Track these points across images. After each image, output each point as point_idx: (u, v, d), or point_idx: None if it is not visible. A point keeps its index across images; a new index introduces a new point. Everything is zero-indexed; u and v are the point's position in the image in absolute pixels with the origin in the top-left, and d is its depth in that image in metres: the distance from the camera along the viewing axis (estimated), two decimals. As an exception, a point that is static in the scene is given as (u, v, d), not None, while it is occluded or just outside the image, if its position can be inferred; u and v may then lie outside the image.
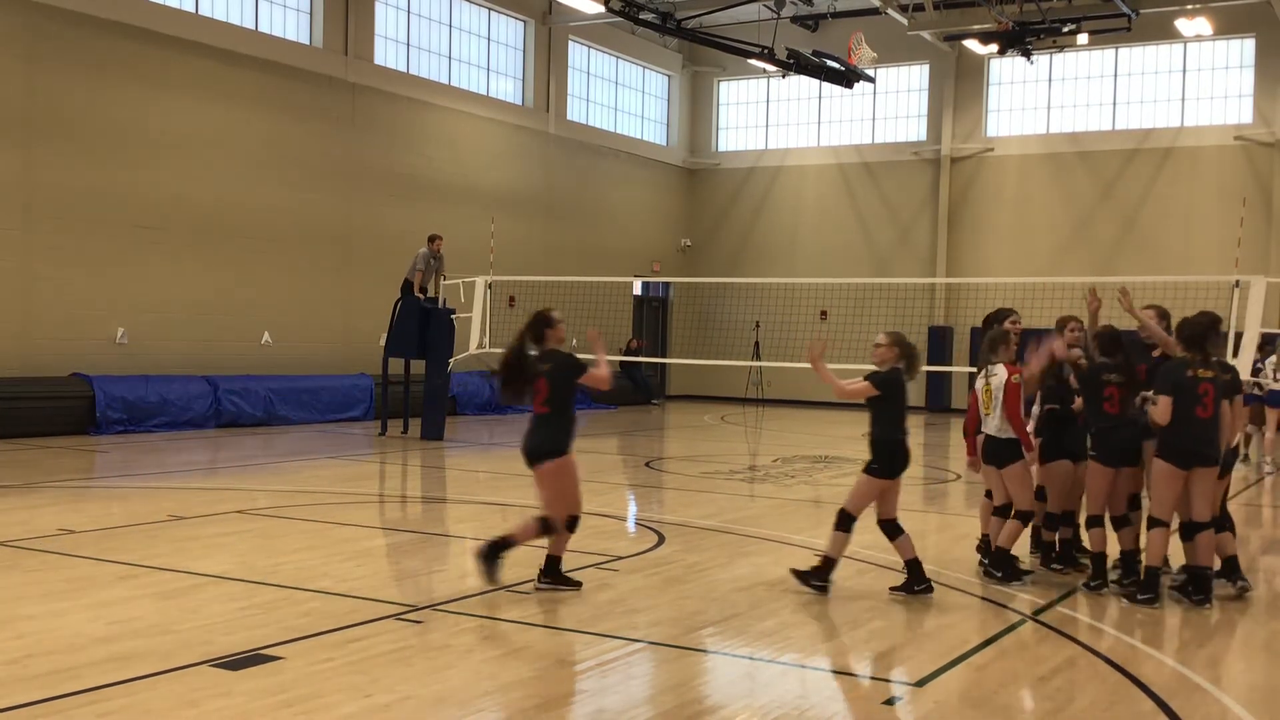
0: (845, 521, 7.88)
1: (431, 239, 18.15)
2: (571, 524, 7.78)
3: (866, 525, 10.76)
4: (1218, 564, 8.27)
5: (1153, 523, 7.80)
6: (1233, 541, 8.16)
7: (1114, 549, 8.25)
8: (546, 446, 7.63)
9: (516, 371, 7.66)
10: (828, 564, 7.87)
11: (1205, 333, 7.82)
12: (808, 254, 29.40)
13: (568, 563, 8.57)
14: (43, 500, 10.92)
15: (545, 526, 7.65)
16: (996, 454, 8.25)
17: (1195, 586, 7.77)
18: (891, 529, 7.88)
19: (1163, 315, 8.70)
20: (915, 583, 7.79)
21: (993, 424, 8.23)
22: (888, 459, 7.79)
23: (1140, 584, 7.80)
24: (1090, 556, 8.21)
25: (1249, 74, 25.77)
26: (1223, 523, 8.09)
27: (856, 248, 29.16)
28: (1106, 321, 8.60)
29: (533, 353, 7.72)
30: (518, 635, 6.55)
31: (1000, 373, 8.22)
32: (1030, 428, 8.43)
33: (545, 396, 7.60)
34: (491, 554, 7.56)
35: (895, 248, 28.89)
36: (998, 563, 8.26)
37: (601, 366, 7.82)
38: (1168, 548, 7.87)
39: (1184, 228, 25.89)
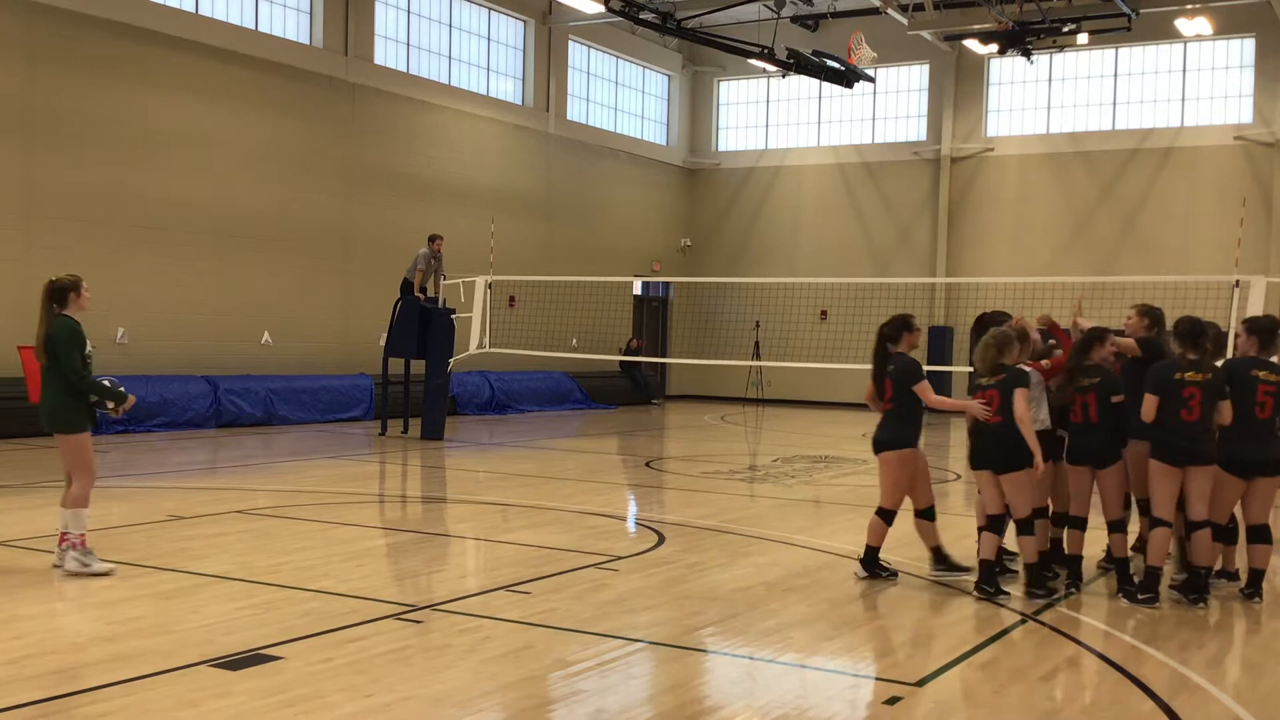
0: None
1: (432, 239, 18.16)
2: (926, 514, 8.38)
3: (863, 526, 10.75)
4: (1217, 565, 8.26)
5: (1154, 522, 7.80)
6: (1267, 555, 7.99)
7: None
8: (885, 439, 8.26)
9: (877, 366, 8.35)
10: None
11: (1198, 331, 7.76)
12: (807, 254, 29.40)
13: (567, 561, 8.58)
14: (43, 500, 10.91)
15: (886, 517, 8.26)
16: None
17: (1190, 587, 7.77)
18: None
19: (1149, 313, 8.68)
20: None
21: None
22: None
23: (1140, 583, 7.80)
24: (1067, 559, 8.18)
25: (1249, 74, 25.77)
26: (1262, 533, 7.93)
27: (856, 248, 29.15)
28: (1096, 322, 8.58)
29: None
30: (518, 635, 6.55)
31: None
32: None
33: (890, 395, 8.26)
34: (870, 566, 8.25)
35: (895, 247, 28.88)
36: (986, 579, 7.90)
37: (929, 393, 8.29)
38: (1169, 547, 7.86)
39: (1184, 228, 25.88)
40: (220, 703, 5.25)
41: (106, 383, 8.03)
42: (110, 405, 8.02)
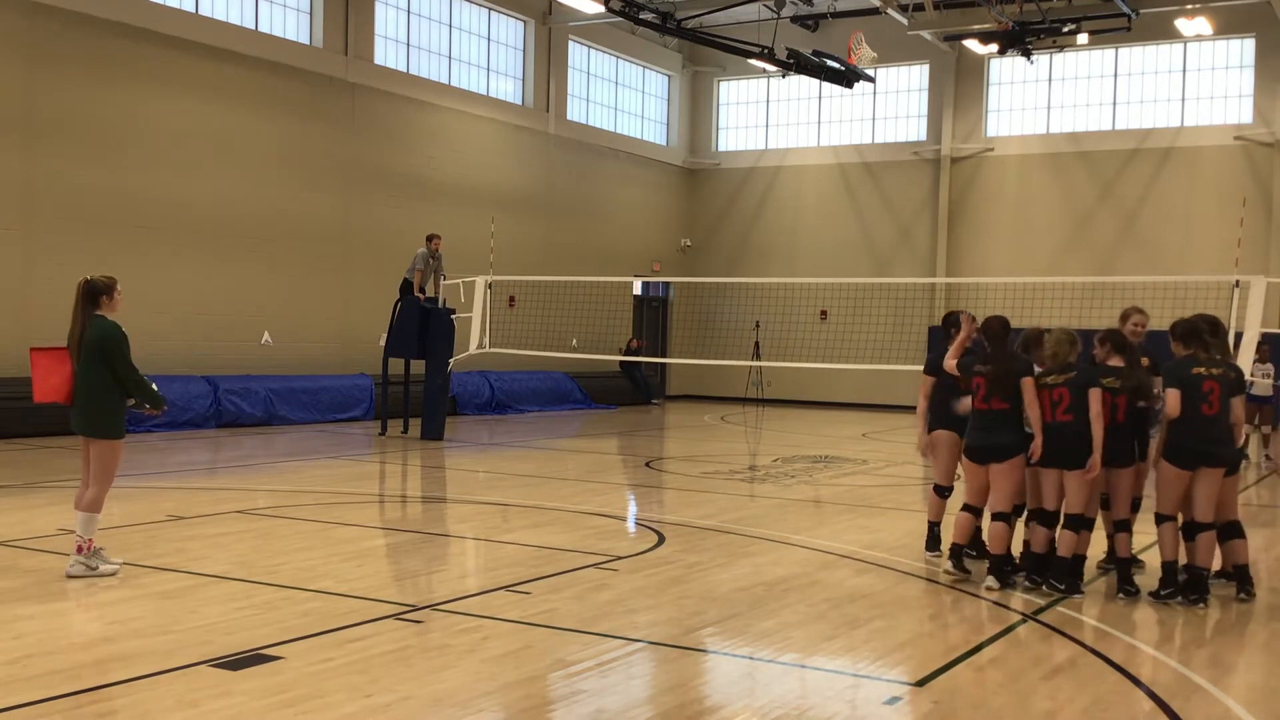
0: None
1: (430, 238, 18.17)
2: (978, 510, 8.35)
3: (863, 526, 10.74)
4: (1216, 566, 8.26)
5: (1160, 519, 7.84)
6: (1245, 549, 8.05)
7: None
8: (1014, 442, 8.00)
9: (965, 364, 8.29)
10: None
11: (1196, 328, 7.84)
12: (808, 254, 29.40)
13: (567, 561, 8.58)
14: (43, 500, 10.92)
15: (1008, 519, 8.14)
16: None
17: (1191, 587, 7.78)
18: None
19: (1125, 317, 8.77)
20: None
21: None
22: None
23: (1160, 580, 7.87)
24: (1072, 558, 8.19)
25: (1249, 74, 25.77)
26: (1236, 529, 8.01)
27: (856, 248, 29.16)
28: (1143, 322, 8.64)
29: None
30: (518, 635, 6.55)
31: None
32: None
33: (1004, 394, 8.04)
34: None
35: (895, 248, 28.89)
36: (1058, 576, 7.97)
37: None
38: (1177, 540, 7.85)
39: (1184, 228, 25.89)
40: (220, 703, 5.25)
41: (153, 385, 7.96)
42: (148, 407, 7.96)
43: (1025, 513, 8.37)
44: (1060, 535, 7.96)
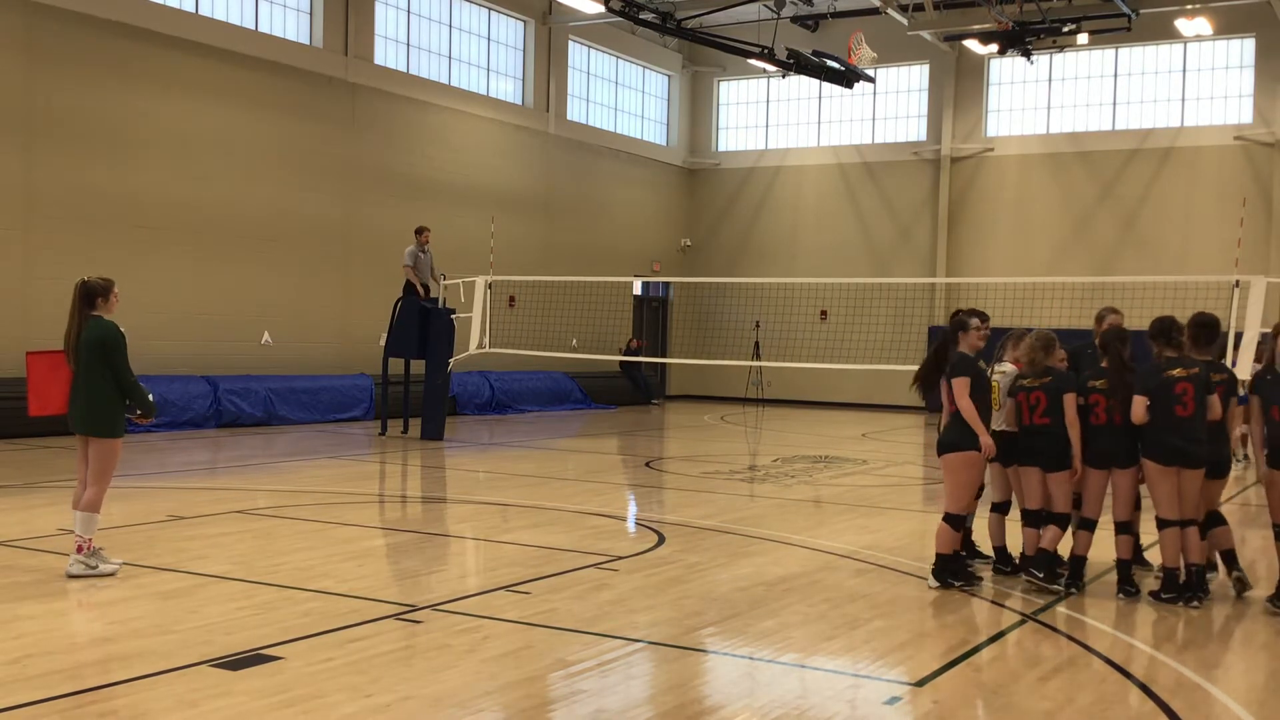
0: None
1: (418, 232, 18.17)
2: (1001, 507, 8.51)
3: (863, 526, 10.77)
4: (1219, 558, 8.28)
5: (1162, 524, 7.83)
6: (1229, 535, 8.11)
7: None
8: (948, 440, 8.05)
9: (935, 366, 8.26)
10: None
11: (1169, 327, 7.87)
12: (807, 254, 29.40)
13: (567, 561, 8.58)
14: (43, 500, 10.92)
15: (954, 523, 8.03)
16: (1003, 449, 8.27)
17: (1186, 584, 7.81)
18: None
19: (1100, 319, 8.87)
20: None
21: (999, 419, 8.27)
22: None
23: (1162, 584, 7.87)
24: (1071, 559, 8.18)
25: (1249, 74, 25.77)
26: (1216, 518, 8.06)
27: (856, 248, 29.16)
28: (1119, 322, 8.66)
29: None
30: (518, 635, 6.55)
31: (1010, 370, 8.29)
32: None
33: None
34: (940, 576, 8.06)
35: (895, 248, 28.89)
36: (1038, 565, 8.00)
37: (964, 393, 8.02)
38: (1179, 546, 7.84)
39: (1184, 228, 25.89)
40: (220, 703, 5.25)
41: (148, 394, 7.96)
42: (139, 412, 7.96)
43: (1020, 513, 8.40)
44: (1047, 530, 7.97)
